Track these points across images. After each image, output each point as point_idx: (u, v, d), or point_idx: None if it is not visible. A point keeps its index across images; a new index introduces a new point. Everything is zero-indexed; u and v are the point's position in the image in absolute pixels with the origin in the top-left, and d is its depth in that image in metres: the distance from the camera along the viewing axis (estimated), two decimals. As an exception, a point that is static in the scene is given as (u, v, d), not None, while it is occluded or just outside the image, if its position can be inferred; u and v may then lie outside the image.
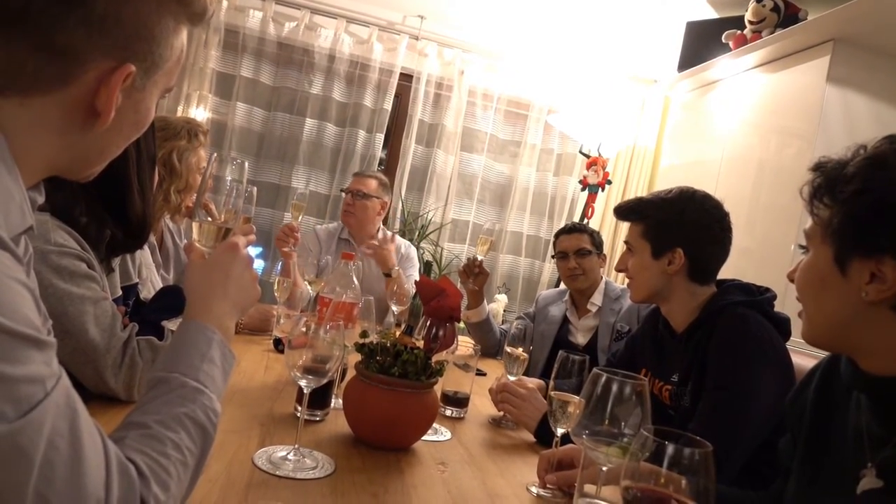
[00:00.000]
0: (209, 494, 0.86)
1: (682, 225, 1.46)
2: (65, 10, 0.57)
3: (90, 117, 0.63)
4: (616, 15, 3.34)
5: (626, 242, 1.58)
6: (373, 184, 2.73)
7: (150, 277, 1.63)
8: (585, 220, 3.43)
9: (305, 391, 1.04)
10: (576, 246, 2.34)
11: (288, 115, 3.64)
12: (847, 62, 2.45)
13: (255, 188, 1.61)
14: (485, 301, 2.40)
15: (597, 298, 2.33)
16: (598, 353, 2.19)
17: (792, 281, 0.94)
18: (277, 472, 0.97)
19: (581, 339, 2.34)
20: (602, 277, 2.38)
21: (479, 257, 2.27)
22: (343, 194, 2.81)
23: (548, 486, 1.11)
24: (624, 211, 1.59)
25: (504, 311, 3.57)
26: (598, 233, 2.45)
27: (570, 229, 2.41)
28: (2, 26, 0.56)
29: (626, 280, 1.60)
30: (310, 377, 1.02)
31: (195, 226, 0.92)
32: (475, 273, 2.30)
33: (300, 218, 2.35)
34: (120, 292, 1.32)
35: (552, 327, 2.40)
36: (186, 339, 0.77)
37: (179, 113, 3.41)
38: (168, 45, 0.67)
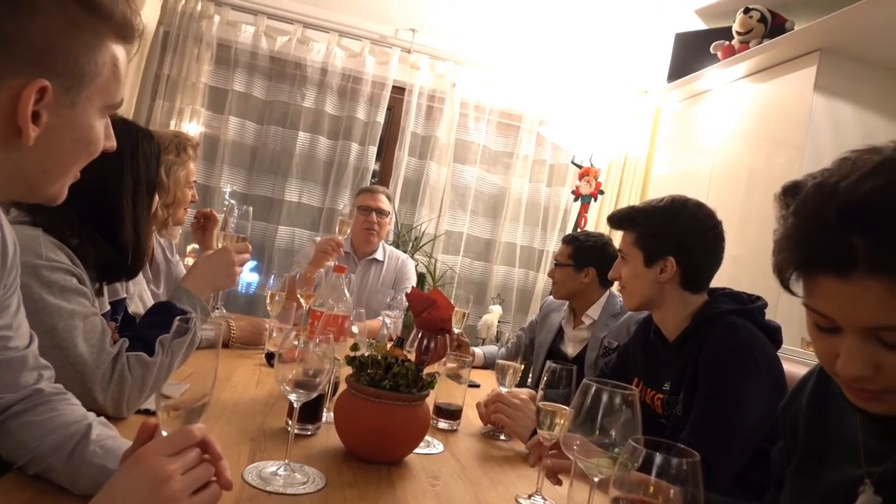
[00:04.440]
0: (197, 511, 0.85)
1: (673, 233, 1.47)
2: None
3: (14, 136, 0.63)
4: (606, 27, 3.37)
5: (619, 251, 1.58)
6: (386, 199, 2.80)
7: (139, 292, 1.62)
8: (578, 231, 3.44)
9: (295, 405, 1.03)
10: (556, 256, 2.39)
11: (280, 129, 3.65)
12: (833, 72, 2.47)
13: (251, 208, 1.63)
14: (476, 350, 2.43)
15: (593, 311, 2.29)
16: (585, 367, 2.16)
17: None
18: (267, 488, 0.96)
19: (571, 349, 2.31)
20: (606, 292, 2.29)
21: (456, 330, 2.28)
22: (351, 211, 2.85)
23: (542, 478, 1.11)
24: (617, 219, 1.60)
25: (499, 321, 3.57)
26: (596, 244, 2.30)
27: (564, 239, 2.44)
28: None
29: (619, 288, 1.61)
30: (300, 391, 1.02)
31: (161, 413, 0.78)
32: (457, 347, 2.29)
33: (346, 234, 2.45)
34: (108, 307, 1.31)
35: (549, 336, 2.40)
36: None
37: (172, 127, 3.41)
38: (91, 59, 0.68)
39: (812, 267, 0.70)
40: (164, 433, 0.75)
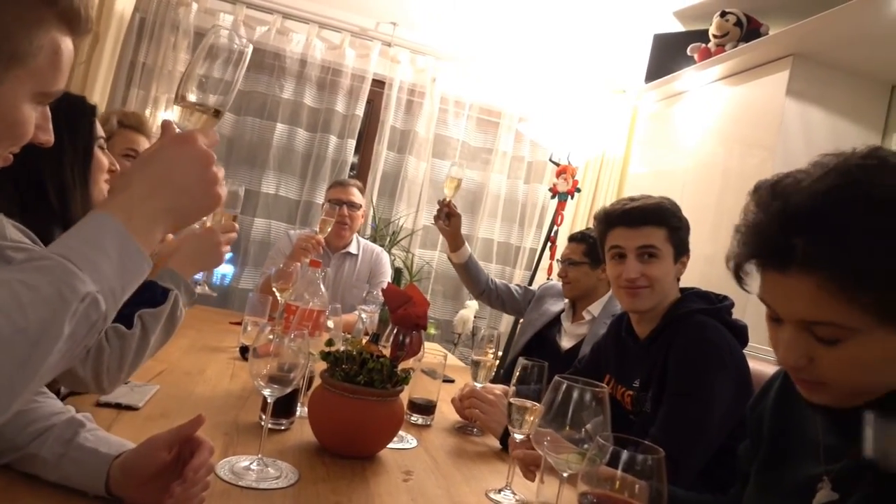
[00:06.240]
0: (168, 506, 0.85)
1: (687, 230, 1.52)
2: None
3: None
4: (586, 26, 3.39)
5: (648, 247, 1.45)
6: (358, 192, 2.80)
7: None
8: (555, 228, 3.46)
9: (269, 400, 1.03)
10: (567, 255, 2.31)
11: (258, 120, 3.61)
12: (805, 76, 2.53)
13: (244, 187, 1.59)
14: (465, 244, 2.45)
15: (594, 308, 2.24)
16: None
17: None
18: (240, 483, 0.97)
19: (566, 343, 2.27)
20: (611, 291, 2.19)
21: (448, 197, 2.30)
22: (324, 205, 2.83)
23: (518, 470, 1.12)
24: (644, 213, 1.46)
25: (475, 317, 3.59)
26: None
27: (572, 237, 2.38)
28: None
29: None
30: (274, 386, 1.02)
31: (178, 110, 0.80)
32: (447, 215, 2.34)
33: (327, 232, 2.38)
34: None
35: (541, 319, 2.37)
36: (77, 229, 0.61)
37: (147, 116, 3.35)
38: (26, 38, 0.66)
39: (757, 259, 0.76)
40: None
